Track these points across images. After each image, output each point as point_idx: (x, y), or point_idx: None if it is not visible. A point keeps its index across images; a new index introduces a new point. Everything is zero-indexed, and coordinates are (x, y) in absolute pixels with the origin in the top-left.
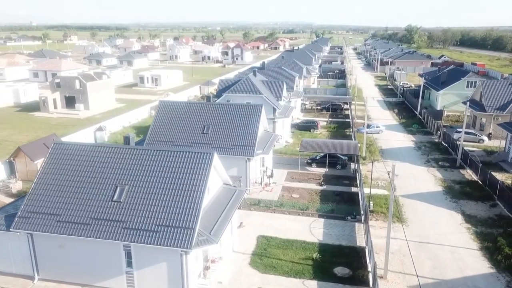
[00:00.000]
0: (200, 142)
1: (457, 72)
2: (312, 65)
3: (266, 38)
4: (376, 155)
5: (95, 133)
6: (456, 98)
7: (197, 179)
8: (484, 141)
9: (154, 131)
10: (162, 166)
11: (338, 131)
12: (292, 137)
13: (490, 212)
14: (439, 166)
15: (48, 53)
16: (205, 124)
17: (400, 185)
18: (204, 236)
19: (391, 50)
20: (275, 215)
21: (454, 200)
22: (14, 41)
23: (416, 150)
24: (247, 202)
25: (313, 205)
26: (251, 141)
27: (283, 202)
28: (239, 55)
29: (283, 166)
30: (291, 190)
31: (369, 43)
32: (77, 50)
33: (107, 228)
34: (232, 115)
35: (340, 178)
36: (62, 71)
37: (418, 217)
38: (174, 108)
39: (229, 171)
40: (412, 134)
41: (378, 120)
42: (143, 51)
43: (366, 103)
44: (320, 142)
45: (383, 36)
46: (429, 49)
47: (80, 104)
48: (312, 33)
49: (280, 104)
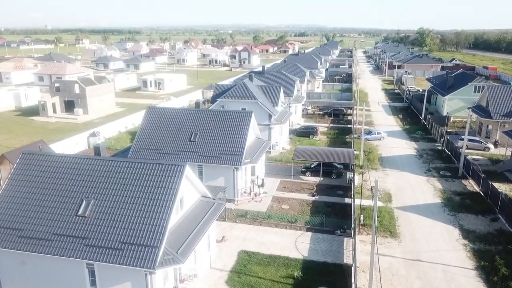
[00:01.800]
0: (186, 150)
1: (464, 76)
2: (317, 69)
3: (276, 41)
4: (375, 164)
5: (88, 139)
6: (463, 104)
7: (165, 193)
8: (490, 149)
9: (141, 139)
10: (130, 179)
11: (338, 138)
12: (290, 144)
13: (490, 227)
14: (440, 175)
15: (56, 57)
16: (193, 132)
17: (396, 196)
18: (170, 256)
19: (400, 54)
20: (261, 228)
21: (452, 213)
22: (27, 44)
23: (418, 158)
24: (234, 214)
25: (302, 217)
26: (239, 150)
27: (271, 213)
28: (246, 59)
29: (276, 174)
30: (282, 200)
31: (379, 46)
32: (86, 54)
33: (70, 245)
34: (220, 122)
35: (335, 188)
36: (67, 75)
37: (413, 231)
38: (161, 114)
39: (216, 181)
40: (415, 141)
41: (381, 126)
42: (151, 54)
43: (364, 108)
44: (314, 150)
45: (394, 39)
46: (441, 52)
47: (79, 109)
48: (323, 36)
49: (276, 110)
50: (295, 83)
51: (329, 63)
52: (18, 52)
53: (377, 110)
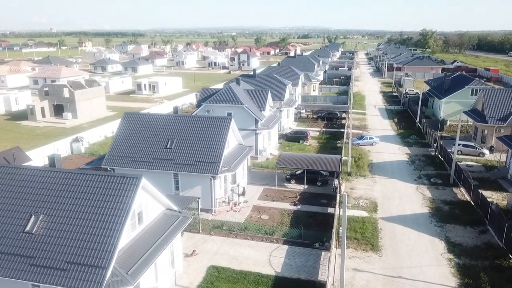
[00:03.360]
0: (162, 158)
1: (462, 79)
2: (314, 71)
3: (278, 43)
4: (364, 170)
5: (71, 145)
6: (459, 107)
7: (118, 208)
8: (485, 154)
9: (116, 146)
10: (83, 192)
11: (329, 143)
12: (279, 149)
13: (478, 240)
14: (431, 183)
15: (54, 60)
16: (169, 138)
17: (382, 206)
18: (118, 277)
19: (401, 55)
20: (236, 241)
21: (439, 225)
22: (30, 47)
23: (409, 165)
24: (210, 225)
25: (281, 228)
26: (216, 157)
27: (248, 225)
28: (246, 61)
29: (260, 182)
30: (262, 210)
31: (381, 48)
32: (87, 57)
33: (15, 264)
34: (198, 128)
35: (319, 196)
36: (62, 78)
37: (396, 244)
38: (138, 120)
39: (193, 190)
40: (409, 146)
41: (375, 131)
42: (151, 57)
43: (351, 111)
44: (298, 156)
45: (397, 40)
46: (444, 53)
47: (68, 113)
48: (325, 38)
49: (263, 115)
50: (286, 86)
51: (328, 65)
52: (20, 55)
53: (372, 113)
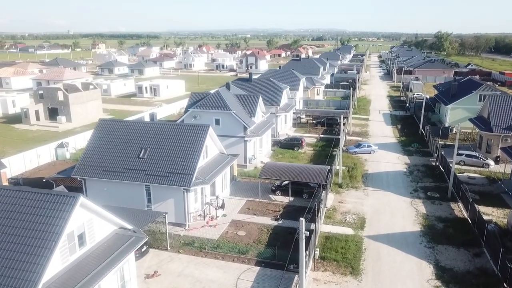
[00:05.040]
0: (134, 168)
1: (470, 83)
2: (319, 74)
3: (290, 45)
4: (357, 182)
5: (56, 150)
6: (466, 114)
7: (48, 231)
8: (490, 165)
9: (88, 154)
10: (11, 211)
11: (324, 151)
12: (271, 157)
13: (471, 264)
14: (427, 197)
15: (63, 62)
16: (143, 147)
17: (371, 222)
18: None
19: (413, 58)
20: (204, 261)
21: (430, 245)
22: (44, 49)
23: (407, 176)
24: (180, 241)
25: (256, 247)
26: (189, 169)
27: (221, 242)
28: (253, 64)
29: (244, 193)
30: (240, 225)
31: (394, 50)
32: (97, 59)
33: None
34: (173, 136)
35: (304, 210)
36: (64, 80)
37: (379, 268)
38: (113, 127)
39: (166, 203)
40: (409, 155)
41: (376, 138)
42: (159, 59)
43: (342, 116)
44: (284, 166)
45: (411, 43)
46: (459, 56)
47: (62, 116)
48: (337, 40)
49: (253, 121)
50: (283, 91)
51: (337, 68)
52: (33, 57)
53: (375, 119)
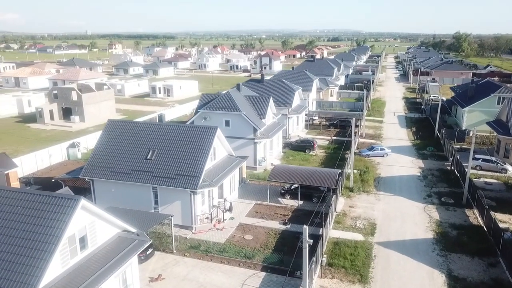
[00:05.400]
0: (141, 170)
1: (488, 85)
2: (333, 75)
3: (305, 46)
4: (369, 186)
5: (67, 150)
6: (484, 117)
7: (48, 234)
8: (507, 171)
9: (96, 155)
10: (12, 213)
11: (336, 153)
12: (282, 159)
13: (486, 274)
14: (441, 203)
15: (79, 62)
16: (151, 149)
17: (381, 228)
18: None
19: (430, 59)
20: (210, 265)
21: (443, 254)
22: (62, 49)
23: (420, 180)
24: (187, 244)
25: (263, 251)
26: (196, 171)
27: (227, 246)
28: (268, 64)
29: (253, 196)
30: (247, 229)
31: (411, 51)
32: (113, 59)
33: None
34: (181, 138)
35: (314, 214)
36: (80, 80)
37: (388, 276)
38: (121, 128)
39: (173, 205)
40: (424, 158)
41: (389, 140)
42: (174, 60)
43: (353, 119)
44: (293, 169)
45: (429, 44)
46: (478, 57)
47: (76, 116)
48: (353, 41)
49: (263, 123)
50: (295, 92)
51: (352, 69)
52: (50, 57)
53: (390, 121)
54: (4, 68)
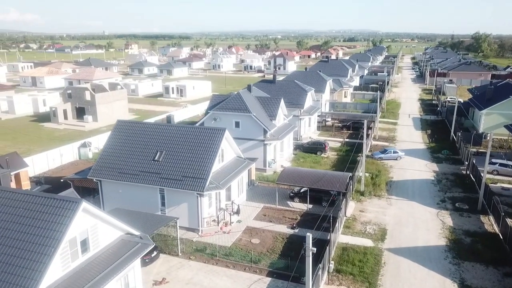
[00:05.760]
0: (149, 171)
1: (508, 87)
2: (347, 76)
3: (321, 46)
4: (380, 190)
5: (79, 150)
6: (502, 120)
7: (48, 237)
8: None
9: (104, 156)
10: (13, 215)
11: (348, 156)
12: (292, 161)
13: (501, 285)
14: (455, 208)
15: (95, 62)
16: (159, 150)
17: (392, 234)
18: None
19: (448, 60)
20: (215, 269)
21: (456, 262)
22: (80, 49)
23: (434, 185)
24: (192, 247)
25: (270, 256)
26: (203, 173)
27: (233, 250)
28: (282, 65)
29: (261, 198)
30: (255, 232)
31: (428, 52)
32: (129, 59)
33: None
34: (189, 139)
35: (322, 218)
36: (94, 80)
37: (397, 284)
38: (130, 129)
39: (179, 207)
40: (438, 162)
41: (403, 143)
42: (188, 60)
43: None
44: (302, 172)
45: (447, 44)
46: (498, 58)
47: (89, 116)
48: (369, 42)
49: (273, 124)
50: (307, 93)
51: (367, 70)
52: (68, 56)
53: (404, 123)
54: (23, 67)
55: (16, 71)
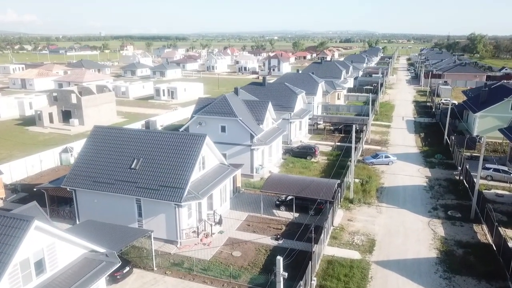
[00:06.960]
0: (125, 180)
1: (502, 90)
2: (341, 78)
3: (317, 47)
4: (370, 197)
5: (60, 155)
6: (497, 123)
7: None
8: None
9: (80, 164)
10: None
11: (339, 160)
12: (281, 166)
13: None
14: (447, 217)
15: (87, 64)
16: (135, 157)
17: (381, 245)
18: None
19: (443, 61)
20: (192, 285)
21: (446, 276)
22: (74, 51)
23: (426, 191)
24: (169, 261)
25: (251, 270)
26: (181, 182)
27: (212, 264)
28: (276, 66)
29: (246, 207)
30: (237, 244)
31: (424, 53)
32: (123, 60)
33: None
34: (167, 146)
35: (309, 228)
36: (84, 82)
37: None
38: (106, 135)
39: (157, 218)
40: (431, 167)
41: (396, 147)
42: (182, 61)
43: (355, 123)
44: (289, 179)
45: (442, 45)
46: (494, 59)
47: (75, 119)
48: (365, 42)
49: (260, 129)
50: (297, 96)
51: (362, 71)
52: (61, 58)
53: (398, 126)
54: (14, 69)
55: (7, 73)
